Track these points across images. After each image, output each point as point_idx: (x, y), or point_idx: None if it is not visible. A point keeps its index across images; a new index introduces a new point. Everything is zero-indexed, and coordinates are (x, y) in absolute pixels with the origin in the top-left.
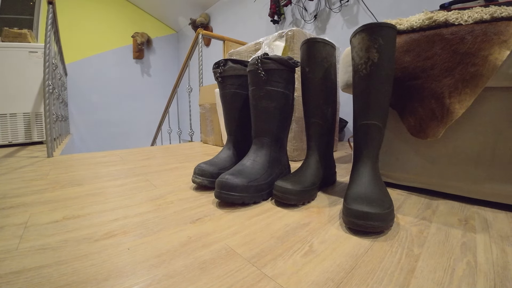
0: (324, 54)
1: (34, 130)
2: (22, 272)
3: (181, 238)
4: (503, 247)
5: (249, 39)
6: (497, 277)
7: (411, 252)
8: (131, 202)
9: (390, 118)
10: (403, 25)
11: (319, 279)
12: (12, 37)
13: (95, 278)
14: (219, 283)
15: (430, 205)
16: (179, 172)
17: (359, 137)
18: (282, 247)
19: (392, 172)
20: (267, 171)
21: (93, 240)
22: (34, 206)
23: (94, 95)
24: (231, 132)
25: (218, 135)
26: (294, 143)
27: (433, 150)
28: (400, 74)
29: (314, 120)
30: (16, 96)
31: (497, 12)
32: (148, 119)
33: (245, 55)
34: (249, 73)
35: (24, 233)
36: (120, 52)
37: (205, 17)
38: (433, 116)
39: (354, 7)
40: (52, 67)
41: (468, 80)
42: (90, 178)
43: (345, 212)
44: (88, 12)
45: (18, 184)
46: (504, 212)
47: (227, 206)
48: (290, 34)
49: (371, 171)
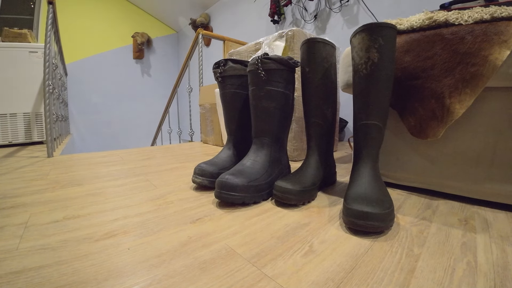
0: (324, 54)
1: (34, 130)
2: (22, 272)
3: (181, 238)
4: (503, 247)
5: (249, 39)
6: (497, 277)
7: (411, 252)
8: (131, 202)
9: (390, 118)
10: (403, 25)
11: (319, 279)
12: (12, 37)
13: (95, 278)
14: (219, 283)
15: (430, 205)
16: (179, 172)
17: (359, 137)
18: (282, 247)
19: (392, 172)
20: (267, 171)
21: (93, 240)
22: (34, 206)
23: (94, 95)
24: (231, 132)
25: (218, 135)
26: (294, 143)
27: (433, 150)
28: (400, 74)
29: (314, 120)
30: (16, 96)
31: (497, 12)
32: (148, 119)
33: (245, 55)
34: (249, 73)
35: (24, 233)
36: (120, 52)
37: (205, 17)
38: (433, 116)
39: (354, 7)
40: (52, 67)
41: (468, 80)
42: (90, 178)
43: (345, 212)
44: (88, 12)
45: (18, 184)
46: (504, 212)
47: (227, 206)
48: (290, 34)
49: (371, 171)
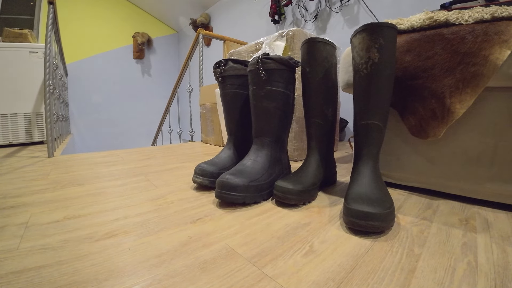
0: (324, 54)
1: (35, 130)
2: (23, 272)
3: (182, 238)
4: (503, 247)
5: (250, 39)
6: (497, 277)
7: (412, 252)
8: (131, 202)
9: (391, 118)
10: (404, 25)
11: (319, 279)
12: (13, 37)
13: (95, 278)
14: (219, 283)
15: (430, 205)
16: (179, 172)
17: (359, 137)
18: (282, 247)
19: (392, 172)
20: (267, 171)
21: (94, 240)
22: (34, 206)
23: (95, 95)
24: (231, 132)
25: (219, 135)
26: (295, 143)
27: (434, 150)
28: (401, 74)
29: (314, 120)
30: (17, 96)
31: (497, 11)
32: (149, 119)
33: (246, 55)
34: (249, 73)
35: (24, 233)
36: (121, 52)
37: (205, 17)
38: (433, 116)
39: (355, 7)
40: (53, 67)
41: (469, 80)
42: (90, 178)
43: (346, 212)
44: (88, 12)
45: (19, 184)
46: (505, 212)
47: (228, 206)
48: (290, 34)
49: (371, 171)
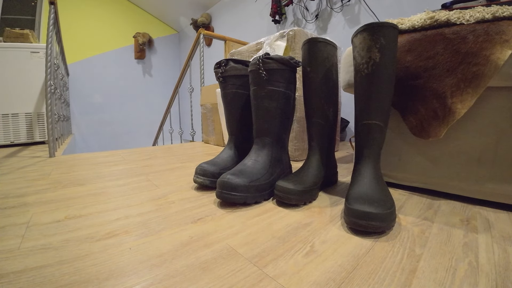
0: (325, 54)
1: (36, 130)
2: (24, 272)
3: (183, 238)
4: (505, 247)
5: (251, 39)
6: (498, 277)
7: (413, 252)
8: (132, 202)
9: (392, 118)
10: (405, 25)
11: (320, 279)
12: (14, 37)
13: (96, 277)
14: (220, 283)
15: (432, 205)
16: (180, 172)
17: (360, 137)
18: (283, 247)
19: (393, 172)
20: (268, 171)
21: (95, 240)
22: (36, 205)
23: (96, 95)
24: (232, 132)
25: (220, 135)
26: (296, 143)
27: (435, 150)
28: (402, 73)
29: (315, 120)
30: (18, 96)
31: (498, 11)
32: (150, 119)
33: (247, 55)
34: (250, 73)
35: (26, 233)
36: (122, 52)
37: (206, 17)
38: (435, 116)
39: (356, 6)
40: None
41: (470, 80)
42: (92, 178)
43: (347, 212)
44: (89, 12)
45: (20, 184)
46: (506, 212)
47: (229, 206)
48: (291, 34)
49: (372, 171)
